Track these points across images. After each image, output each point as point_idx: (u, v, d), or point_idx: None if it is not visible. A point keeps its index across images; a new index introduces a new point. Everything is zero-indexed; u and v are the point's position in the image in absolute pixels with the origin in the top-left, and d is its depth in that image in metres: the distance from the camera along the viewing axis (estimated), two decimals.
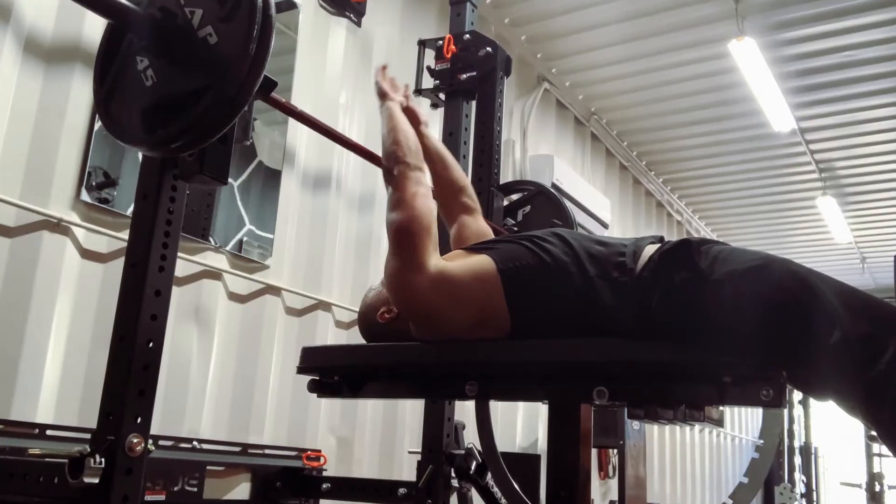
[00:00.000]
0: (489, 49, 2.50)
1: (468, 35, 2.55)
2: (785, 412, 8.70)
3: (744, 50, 4.24)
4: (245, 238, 2.79)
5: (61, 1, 2.21)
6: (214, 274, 2.66)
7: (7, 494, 1.42)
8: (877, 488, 7.82)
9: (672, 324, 1.21)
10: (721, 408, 1.32)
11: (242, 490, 2.64)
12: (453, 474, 2.25)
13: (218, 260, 2.68)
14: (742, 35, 4.17)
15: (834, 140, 5.64)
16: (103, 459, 1.29)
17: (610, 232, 5.04)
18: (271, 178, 2.93)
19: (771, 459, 8.56)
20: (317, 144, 3.09)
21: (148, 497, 2.12)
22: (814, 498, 9.08)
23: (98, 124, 2.23)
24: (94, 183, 2.28)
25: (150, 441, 1.36)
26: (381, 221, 3.40)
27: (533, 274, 1.33)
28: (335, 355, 1.58)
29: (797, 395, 8.77)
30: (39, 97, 2.17)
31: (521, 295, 1.33)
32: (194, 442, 2.44)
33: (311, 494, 2.66)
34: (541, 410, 4.36)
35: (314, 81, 3.14)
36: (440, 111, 2.68)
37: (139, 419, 1.34)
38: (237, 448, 2.61)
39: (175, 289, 2.22)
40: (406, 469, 3.25)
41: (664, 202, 6.83)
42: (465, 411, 2.64)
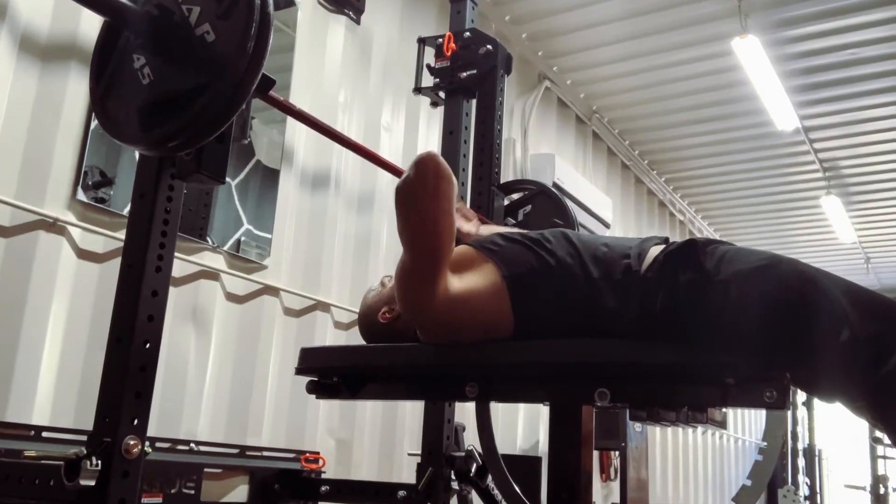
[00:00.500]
0: (489, 47, 2.50)
1: (468, 33, 2.55)
2: (788, 414, 8.72)
3: (747, 48, 4.24)
4: (243, 238, 2.79)
5: None
6: (212, 274, 2.66)
7: (2, 497, 1.42)
8: (881, 491, 7.83)
9: (677, 324, 1.21)
10: (724, 409, 1.32)
11: (240, 493, 2.64)
12: (453, 477, 2.25)
13: (215, 260, 2.68)
14: (745, 33, 4.17)
15: (838, 139, 5.64)
16: (100, 462, 1.29)
17: (612, 232, 5.04)
18: (269, 178, 2.93)
19: (774, 462, 8.56)
20: (315, 143, 3.09)
21: (145, 500, 2.11)
22: (818, 500, 9.08)
23: (94, 123, 2.23)
24: (91, 182, 2.28)
25: (147, 443, 1.36)
26: (381, 221, 3.43)
27: (536, 277, 1.33)
28: (334, 356, 1.57)
29: (801, 397, 8.78)
30: (35, 95, 2.17)
31: (526, 300, 1.33)
32: (192, 444, 2.45)
33: (310, 497, 2.65)
34: (542, 412, 4.35)
35: (313, 80, 3.14)
36: (440, 110, 2.68)
37: (136, 421, 1.34)
38: (235, 450, 2.61)
39: (172, 289, 2.22)
40: (406, 471, 3.25)
41: (666, 202, 6.83)
42: (466, 413, 2.64)
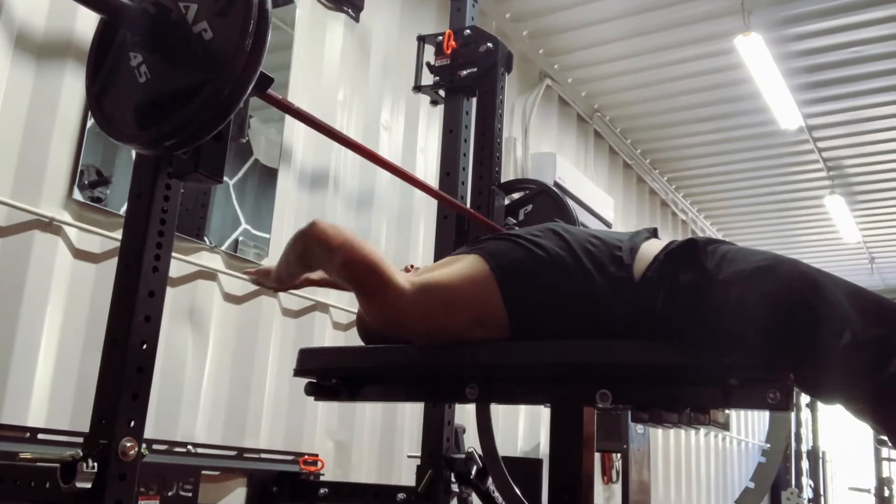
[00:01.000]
0: (490, 45, 2.50)
1: (469, 30, 2.55)
2: (792, 415, 8.72)
3: (750, 46, 4.23)
4: (241, 238, 2.79)
5: None
6: (209, 274, 2.66)
7: None
8: (886, 493, 7.83)
9: (678, 325, 1.20)
10: (727, 411, 1.32)
11: (238, 495, 2.64)
12: (453, 479, 2.25)
13: (213, 260, 2.68)
14: (748, 30, 4.17)
15: (842, 137, 5.64)
16: (96, 464, 1.29)
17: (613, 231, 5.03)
18: (267, 177, 2.93)
19: (778, 464, 8.57)
20: (314, 142, 3.09)
21: (142, 502, 2.12)
22: (822, 503, 9.08)
23: (91, 121, 2.23)
24: (87, 181, 2.28)
25: (144, 445, 1.36)
26: (380, 220, 3.43)
27: (528, 269, 1.33)
28: (333, 357, 1.57)
29: (804, 398, 8.78)
30: (31, 94, 2.17)
31: (518, 291, 1.33)
32: (189, 446, 2.45)
33: (309, 499, 2.65)
34: (543, 414, 4.36)
35: (311, 78, 3.14)
36: (440, 108, 2.68)
37: (133, 423, 1.34)
38: (233, 452, 2.61)
39: (169, 290, 2.21)
40: (405, 474, 3.24)
41: (669, 201, 6.83)
42: (466, 415, 2.65)
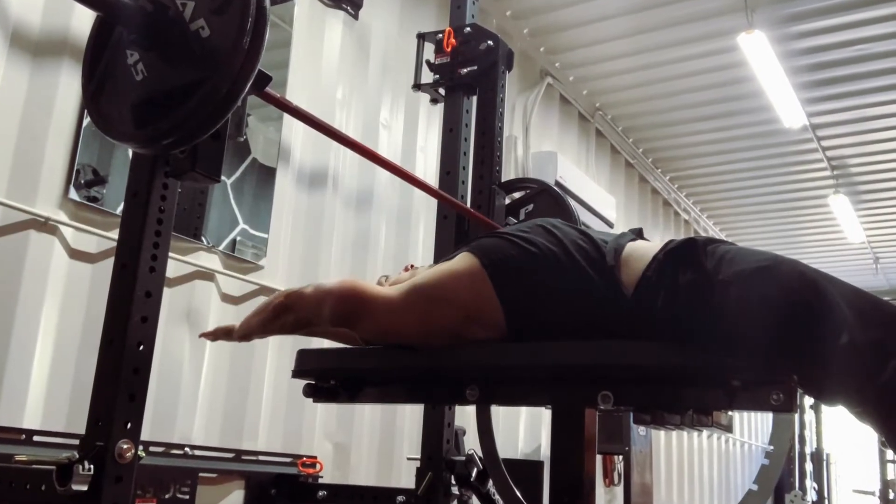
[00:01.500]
0: (490, 42, 2.50)
1: (469, 28, 2.55)
2: (796, 417, 8.72)
3: (753, 43, 4.24)
4: (238, 237, 2.79)
5: None
6: (207, 275, 2.66)
7: None
8: (891, 496, 7.83)
9: (677, 325, 1.21)
10: (730, 413, 1.32)
11: (236, 498, 2.64)
12: (453, 481, 2.25)
13: (210, 260, 2.68)
14: (752, 28, 4.17)
15: (846, 136, 5.64)
16: (92, 466, 1.29)
17: (615, 231, 5.04)
18: (265, 176, 2.93)
19: (781, 466, 8.56)
20: (312, 141, 3.09)
21: None
22: None
23: (87, 120, 2.23)
24: (83, 181, 2.28)
25: (141, 447, 1.36)
26: (379, 220, 3.44)
27: (520, 265, 1.33)
28: (332, 358, 1.57)
29: (808, 400, 8.78)
30: (26, 92, 2.17)
31: (512, 285, 1.33)
32: (186, 448, 2.45)
33: (307, 502, 2.66)
34: (544, 415, 4.36)
35: (310, 76, 3.14)
36: (440, 107, 2.68)
37: (129, 425, 1.34)
38: (230, 454, 2.61)
39: (166, 290, 2.22)
40: (405, 476, 3.25)
41: (671, 200, 6.83)
42: (466, 416, 2.65)
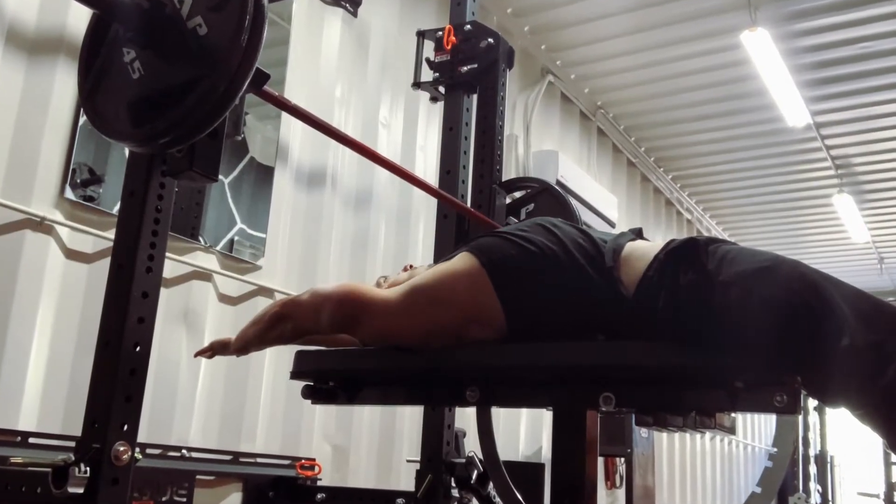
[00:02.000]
0: (491, 40, 2.50)
1: (469, 26, 2.55)
2: (800, 419, 8.72)
3: (757, 41, 4.24)
4: (236, 237, 2.79)
5: None
6: (204, 275, 2.66)
7: None
8: (895, 499, 7.83)
9: (678, 326, 1.21)
10: (733, 414, 1.32)
11: (233, 500, 2.64)
12: (453, 484, 2.25)
13: (208, 260, 2.68)
14: (755, 26, 4.18)
15: (851, 135, 5.64)
16: (88, 468, 1.29)
17: (617, 232, 5.04)
18: (263, 175, 2.93)
19: (785, 468, 8.55)
20: (311, 140, 3.09)
21: None
22: None
23: (83, 119, 2.23)
24: (79, 180, 2.28)
25: (138, 449, 1.36)
26: (378, 220, 3.44)
27: (519, 264, 1.34)
28: (330, 359, 1.57)
29: (812, 402, 8.78)
30: (22, 90, 2.17)
31: (512, 285, 1.33)
32: (183, 450, 2.45)
33: None
34: (545, 417, 4.36)
35: (308, 74, 3.14)
36: (440, 105, 2.68)
37: (126, 426, 1.34)
38: (228, 456, 2.61)
39: (163, 290, 2.22)
40: (404, 478, 3.25)
41: (673, 200, 6.83)
42: (466, 418, 2.65)
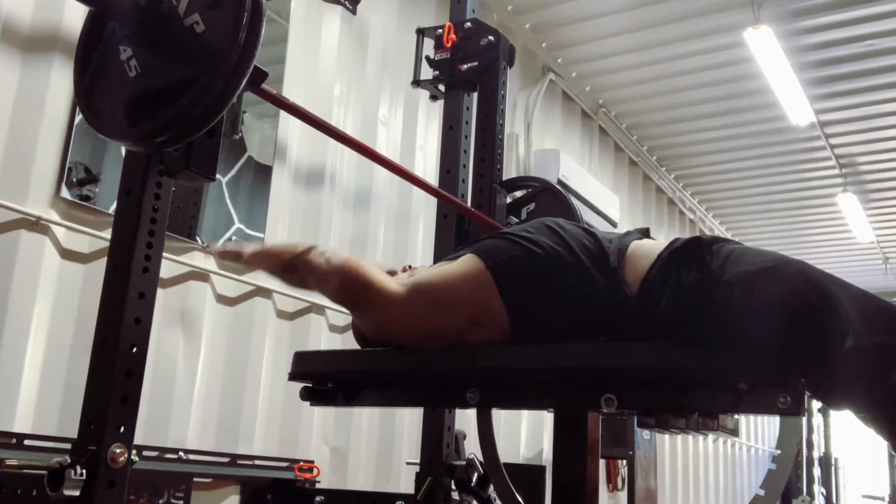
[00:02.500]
0: (491, 38, 2.50)
1: (469, 23, 2.55)
2: (804, 421, 8.71)
3: (760, 39, 4.24)
4: (234, 237, 2.79)
5: None
6: (202, 275, 2.66)
7: None
8: None
9: (682, 325, 1.21)
10: (736, 416, 1.32)
11: (231, 503, 2.64)
12: (453, 486, 2.25)
13: (205, 260, 2.68)
14: (758, 23, 4.17)
15: (855, 134, 5.64)
16: (84, 471, 1.29)
17: (619, 231, 5.04)
18: (261, 174, 2.93)
19: (788, 471, 8.56)
20: (309, 138, 3.09)
21: None
22: None
23: (79, 117, 2.23)
24: (75, 179, 2.28)
25: (134, 451, 1.36)
26: (378, 219, 3.43)
27: (524, 266, 1.34)
28: (329, 361, 1.58)
29: (816, 403, 8.77)
30: (17, 89, 2.17)
31: (516, 287, 1.34)
32: (180, 452, 2.45)
33: None
34: (546, 419, 4.35)
35: (307, 72, 3.14)
36: (440, 104, 2.68)
37: (122, 428, 1.34)
38: (226, 459, 2.61)
39: (160, 291, 2.21)
40: (404, 481, 3.25)
41: (676, 199, 6.83)
42: (466, 420, 2.64)
